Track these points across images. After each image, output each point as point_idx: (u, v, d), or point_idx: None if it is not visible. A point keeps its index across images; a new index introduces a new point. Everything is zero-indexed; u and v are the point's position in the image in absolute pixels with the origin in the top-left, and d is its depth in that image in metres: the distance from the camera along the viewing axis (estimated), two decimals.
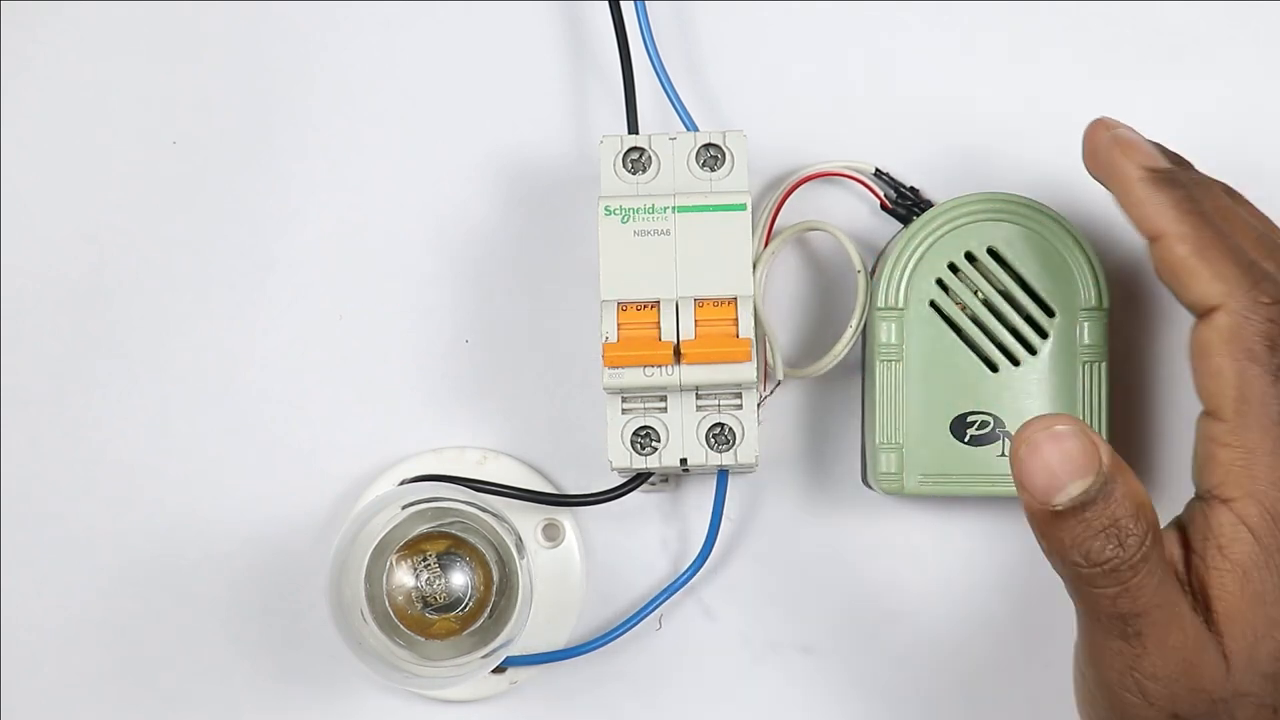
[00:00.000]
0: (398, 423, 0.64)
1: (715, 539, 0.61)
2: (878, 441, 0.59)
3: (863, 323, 0.60)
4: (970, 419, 0.59)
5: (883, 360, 0.59)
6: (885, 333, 0.59)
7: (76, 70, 0.65)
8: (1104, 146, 0.52)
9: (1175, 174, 0.52)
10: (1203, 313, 0.49)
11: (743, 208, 0.58)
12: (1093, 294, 0.59)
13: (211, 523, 0.64)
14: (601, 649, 0.62)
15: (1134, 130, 0.53)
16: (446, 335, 0.64)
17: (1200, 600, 0.48)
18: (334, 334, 0.64)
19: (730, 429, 0.58)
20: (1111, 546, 0.45)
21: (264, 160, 0.65)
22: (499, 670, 0.61)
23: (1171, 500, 0.63)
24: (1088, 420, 0.59)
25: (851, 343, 0.60)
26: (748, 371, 0.57)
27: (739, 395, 0.58)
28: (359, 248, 0.64)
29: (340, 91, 0.65)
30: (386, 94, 0.65)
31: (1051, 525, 0.46)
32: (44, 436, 0.64)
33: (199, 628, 0.64)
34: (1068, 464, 0.46)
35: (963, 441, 0.59)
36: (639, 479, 0.61)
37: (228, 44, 0.65)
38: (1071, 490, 0.45)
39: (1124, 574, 0.45)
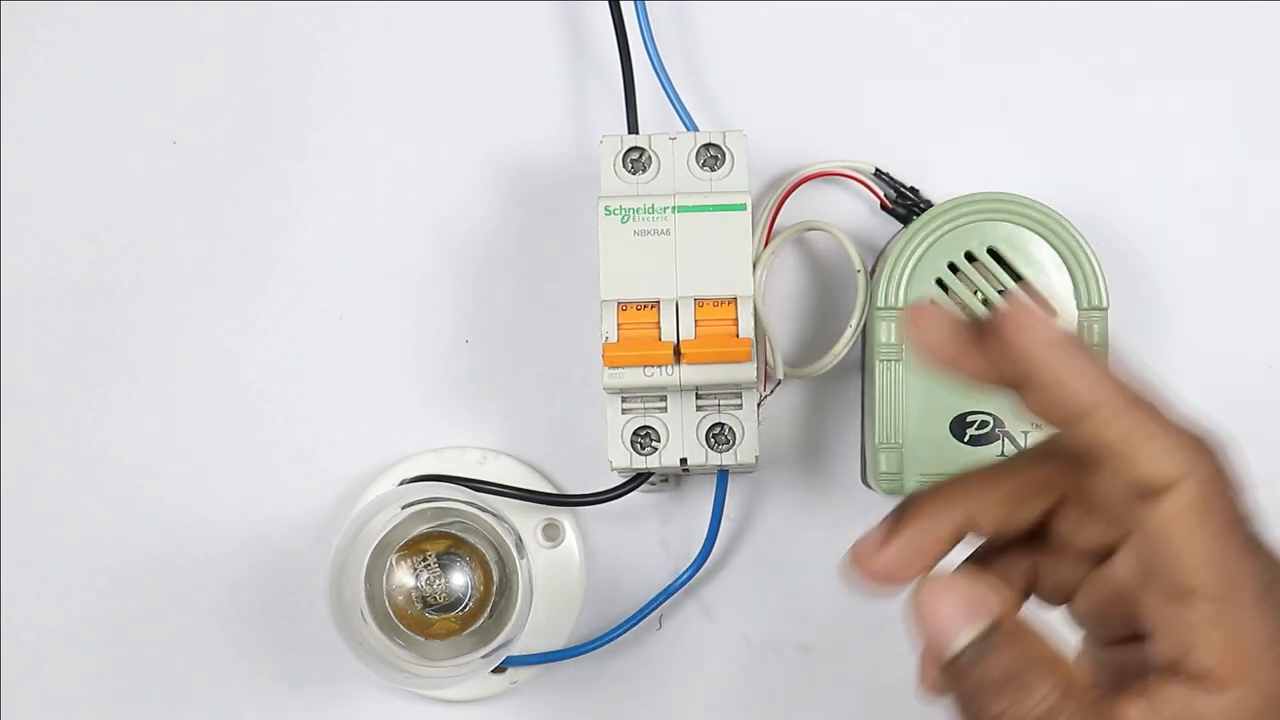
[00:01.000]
0: (398, 423, 0.64)
1: (715, 539, 0.61)
2: (877, 441, 0.59)
3: (863, 322, 0.60)
4: (970, 419, 0.59)
5: (883, 360, 0.59)
6: (885, 332, 0.59)
7: (76, 70, 0.65)
8: (1016, 317, 0.43)
9: (1090, 346, 0.46)
10: (1156, 490, 0.42)
11: (743, 208, 0.58)
12: (1092, 294, 0.59)
13: (211, 523, 0.64)
14: (601, 649, 0.62)
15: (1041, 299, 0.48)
16: (446, 335, 0.64)
17: None
18: (334, 334, 0.64)
19: (730, 429, 0.58)
20: (1005, 700, 0.42)
21: (264, 160, 0.65)
22: (499, 670, 0.61)
23: None
24: None
25: (851, 342, 0.60)
26: (747, 371, 0.57)
27: (739, 395, 0.58)
28: (359, 248, 0.64)
29: (340, 91, 0.65)
30: (386, 94, 0.65)
31: (946, 674, 0.43)
32: (44, 436, 0.64)
33: (199, 628, 0.64)
34: (959, 612, 0.43)
35: (963, 441, 0.59)
36: (639, 479, 0.61)
37: (228, 44, 0.65)
38: (961, 639, 0.42)
39: None
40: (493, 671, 0.60)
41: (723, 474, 0.60)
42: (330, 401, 0.64)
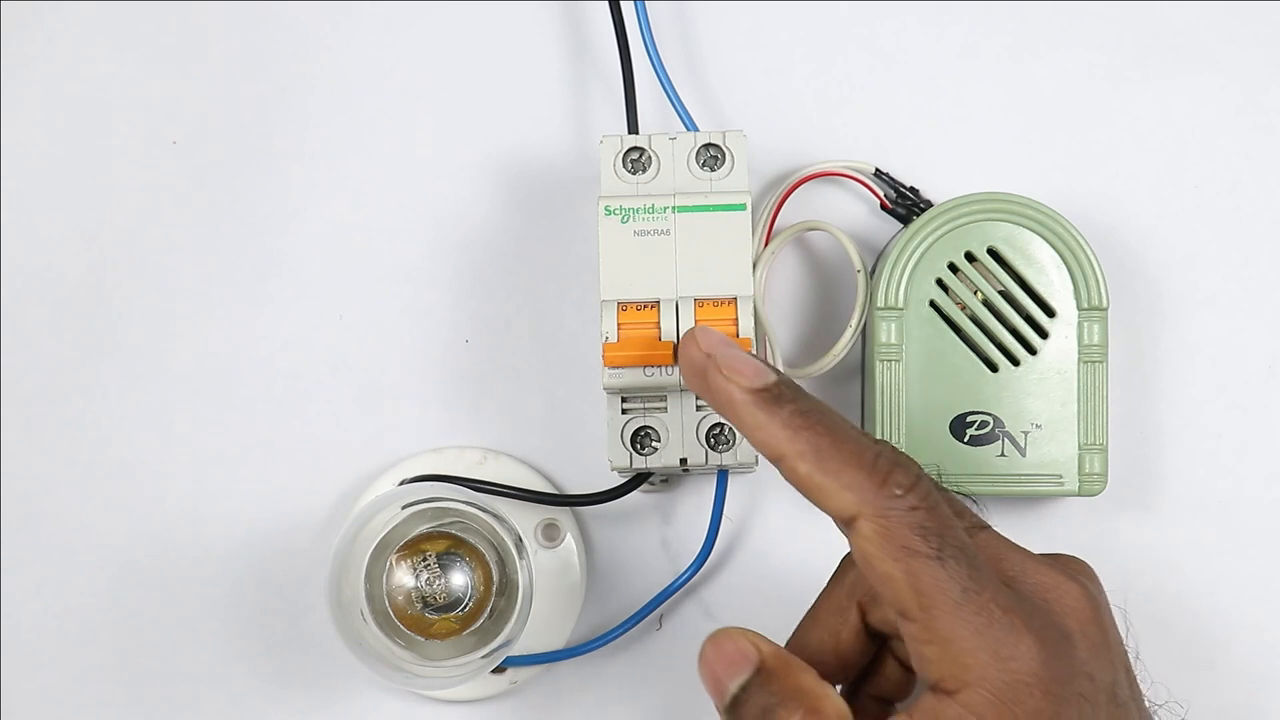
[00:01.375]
0: (397, 423, 0.64)
1: (715, 539, 0.61)
2: None
3: (862, 322, 0.60)
4: (970, 419, 0.59)
5: (883, 360, 0.59)
6: (885, 332, 0.59)
7: (76, 70, 0.65)
8: (702, 368, 0.49)
9: (780, 389, 0.49)
10: (847, 524, 0.47)
11: (742, 208, 0.58)
12: (1093, 294, 0.59)
13: (211, 522, 0.64)
14: (601, 649, 0.62)
15: (729, 343, 0.50)
16: (446, 335, 0.64)
17: None
18: (334, 334, 0.64)
19: (729, 429, 0.58)
20: None
21: (264, 160, 0.65)
22: (499, 670, 0.61)
23: (1173, 502, 0.63)
24: (1088, 420, 0.59)
25: (851, 342, 0.60)
26: None
27: None
28: (359, 248, 0.64)
29: (340, 91, 0.65)
30: (386, 94, 0.65)
31: None
32: (44, 436, 0.64)
33: (198, 627, 0.64)
34: (728, 665, 0.49)
35: (963, 441, 0.59)
36: (639, 479, 0.61)
37: (228, 44, 0.65)
38: (732, 688, 0.48)
39: None
40: (493, 671, 0.60)
41: (723, 474, 0.60)
42: (330, 401, 0.64)
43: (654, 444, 0.58)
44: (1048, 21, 0.63)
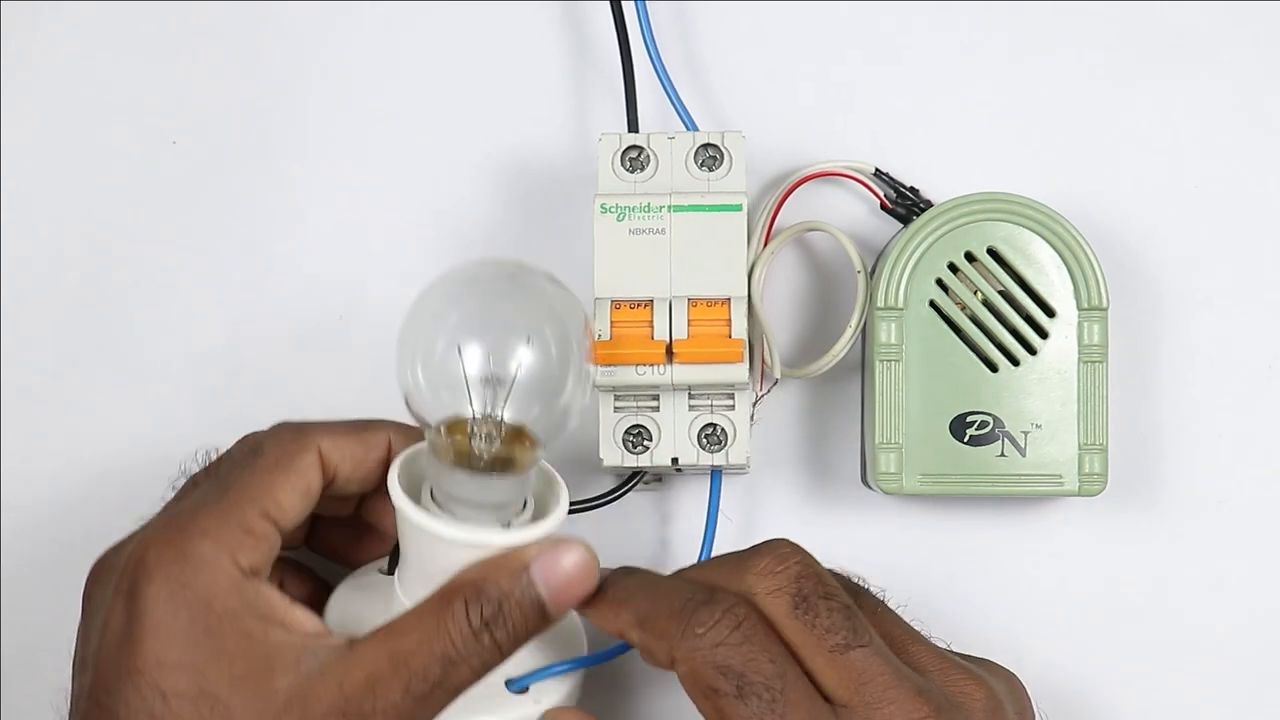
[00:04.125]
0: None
1: (713, 541, 0.60)
2: (878, 441, 0.59)
3: (862, 322, 0.60)
4: (970, 419, 0.59)
5: (883, 360, 0.59)
6: (885, 333, 0.59)
7: (76, 70, 0.65)
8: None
9: (604, 585, 0.52)
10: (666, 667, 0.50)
11: (738, 208, 0.57)
12: (1093, 294, 0.59)
13: None
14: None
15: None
16: None
17: None
18: (334, 334, 0.64)
19: (722, 429, 0.58)
20: None
21: (264, 160, 0.65)
22: (521, 691, 0.58)
23: (1173, 502, 0.63)
24: (1088, 420, 0.59)
25: (851, 343, 0.60)
26: (739, 373, 0.57)
27: (731, 396, 0.58)
28: (359, 248, 0.64)
29: (340, 91, 0.65)
30: (386, 94, 0.65)
31: None
32: (44, 436, 0.64)
33: None
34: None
35: (963, 441, 0.59)
36: (633, 479, 0.60)
37: (228, 44, 0.65)
38: None
39: None
40: (516, 693, 0.58)
41: (716, 474, 0.60)
42: (330, 401, 0.64)
43: (646, 443, 0.58)
44: (1048, 21, 0.63)
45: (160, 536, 0.50)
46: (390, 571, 0.56)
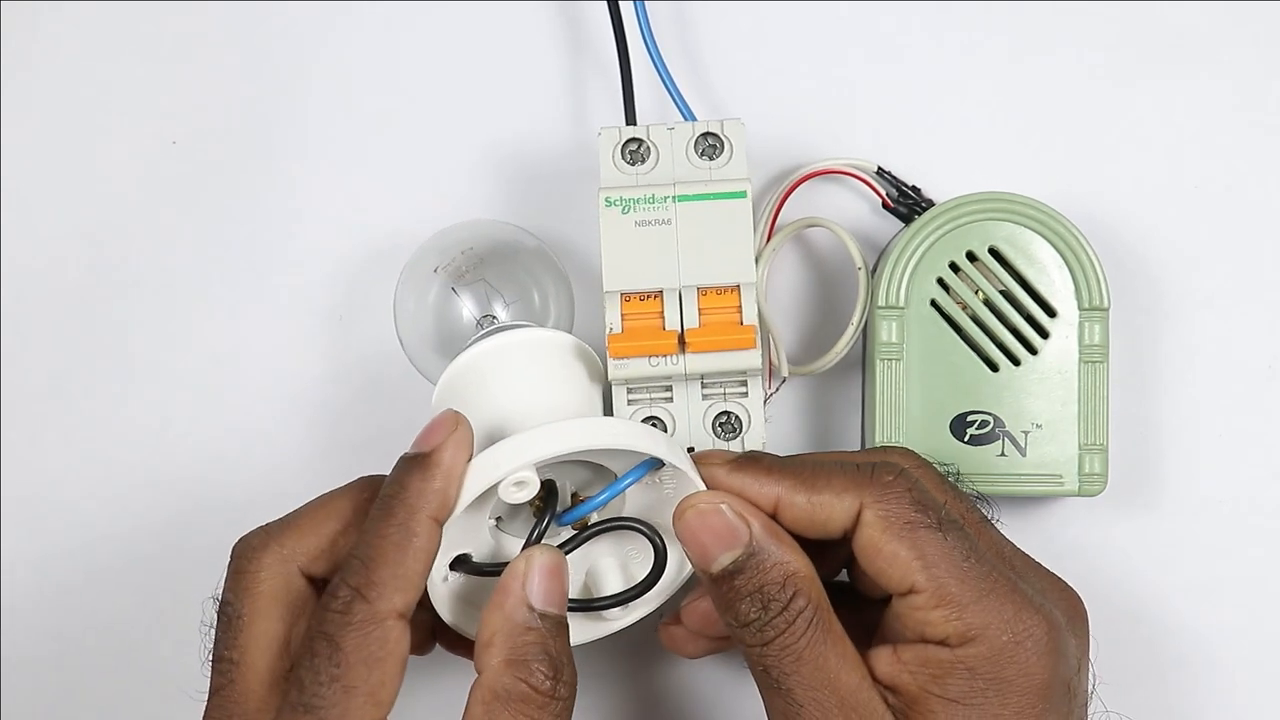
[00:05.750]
0: (398, 422, 0.63)
1: None
2: (878, 440, 0.59)
3: (863, 321, 0.60)
4: (970, 418, 0.59)
5: (883, 359, 0.59)
6: (886, 331, 0.59)
7: (76, 70, 0.65)
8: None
9: (749, 456, 0.54)
10: (850, 525, 0.51)
11: (743, 195, 0.57)
12: (1094, 294, 0.59)
13: (212, 524, 0.63)
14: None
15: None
16: None
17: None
18: (334, 334, 0.64)
19: (737, 417, 0.58)
20: (755, 609, 0.50)
21: (264, 160, 0.65)
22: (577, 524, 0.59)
23: (1173, 502, 0.63)
24: (1088, 419, 0.59)
25: (852, 341, 0.60)
26: (753, 358, 0.57)
27: (744, 383, 0.58)
28: (359, 248, 0.64)
29: (340, 90, 0.65)
30: (386, 93, 0.65)
31: (711, 587, 0.52)
32: (44, 436, 0.64)
33: (198, 628, 0.63)
34: (717, 539, 0.51)
35: (963, 441, 0.59)
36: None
37: (228, 44, 0.65)
38: (722, 561, 0.51)
39: (767, 633, 0.50)
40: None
41: None
42: (331, 402, 0.64)
43: None
44: (1048, 21, 0.64)
45: None
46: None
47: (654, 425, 0.58)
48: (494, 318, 0.60)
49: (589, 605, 0.55)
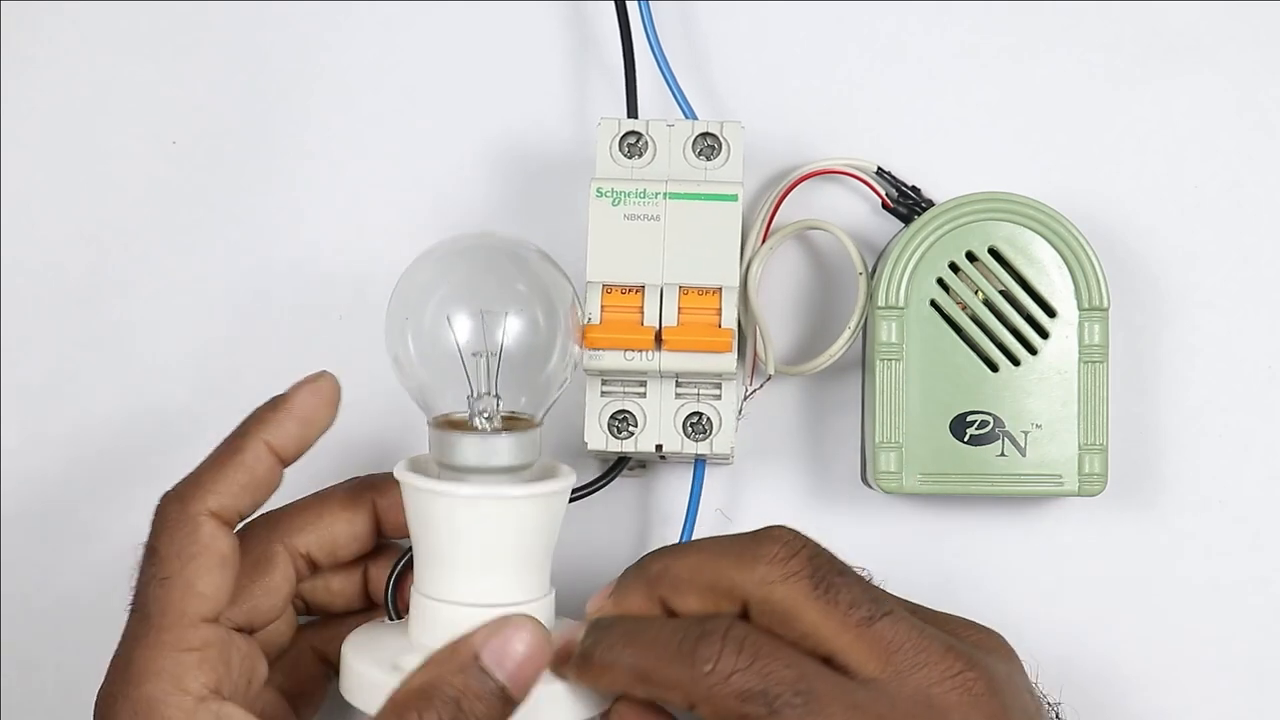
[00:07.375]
0: (398, 422, 0.64)
1: (693, 531, 0.60)
2: (878, 440, 0.59)
3: (862, 321, 0.60)
4: (970, 418, 0.59)
5: (883, 359, 0.59)
6: (886, 332, 0.59)
7: (76, 70, 0.65)
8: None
9: (581, 650, 0.51)
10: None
11: (734, 199, 0.57)
12: (1093, 294, 0.59)
13: None
14: None
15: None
16: None
17: None
18: (334, 334, 0.64)
19: (708, 418, 0.58)
20: None
21: (264, 160, 0.65)
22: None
23: (1173, 502, 0.63)
24: (1088, 420, 0.59)
25: (850, 341, 0.60)
26: (727, 362, 0.56)
27: (718, 386, 0.58)
28: (359, 247, 0.64)
29: (340, 87, 0.65)
30: (387, 92, 0.65)
31: None
32: (44, 435, 0.64)
33: None
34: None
35: (963, 441, 0.59)
36: (618, 465, 0.60)
37: (228, 44, 0.65)
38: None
39: None
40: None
41: (700, 463, 0.60)
42: None
43: (631, 429, 0.58)
44: (1048, 21, 0.64)
45: (109, 691, 0.52)
46: (396, 617, 0.57)
47: (624, 419, 0.58)
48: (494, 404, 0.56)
49: None
